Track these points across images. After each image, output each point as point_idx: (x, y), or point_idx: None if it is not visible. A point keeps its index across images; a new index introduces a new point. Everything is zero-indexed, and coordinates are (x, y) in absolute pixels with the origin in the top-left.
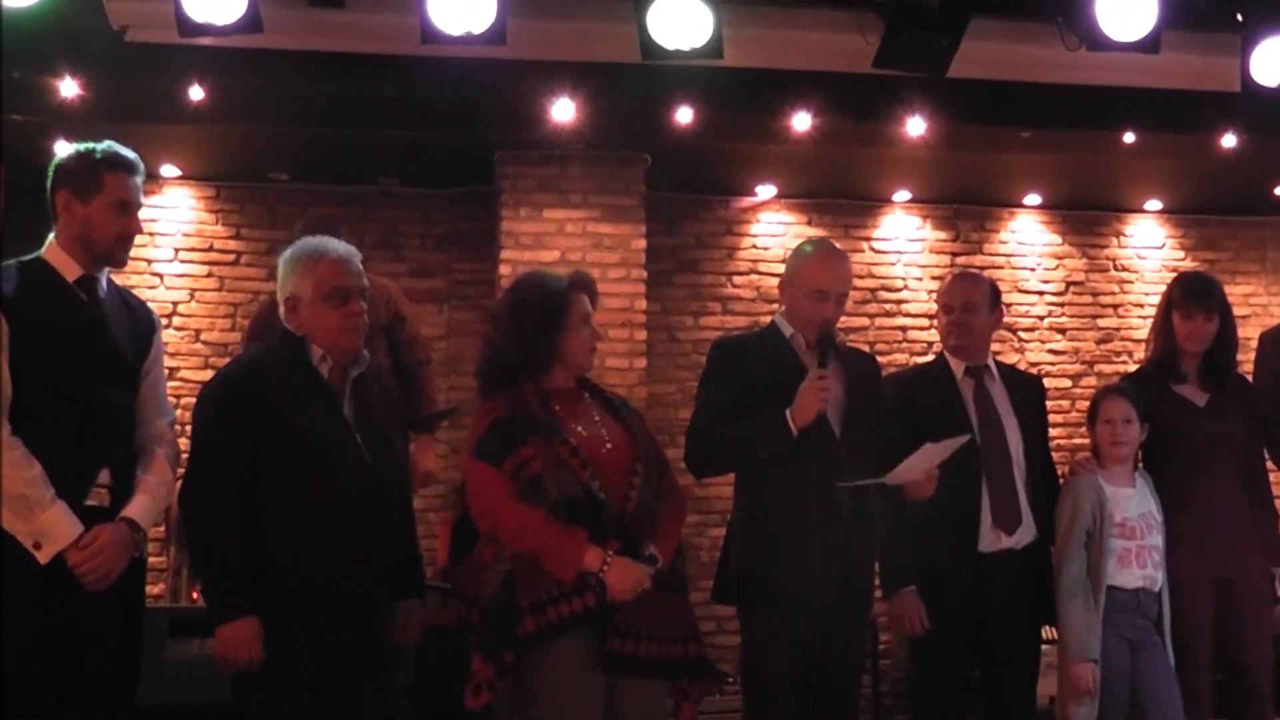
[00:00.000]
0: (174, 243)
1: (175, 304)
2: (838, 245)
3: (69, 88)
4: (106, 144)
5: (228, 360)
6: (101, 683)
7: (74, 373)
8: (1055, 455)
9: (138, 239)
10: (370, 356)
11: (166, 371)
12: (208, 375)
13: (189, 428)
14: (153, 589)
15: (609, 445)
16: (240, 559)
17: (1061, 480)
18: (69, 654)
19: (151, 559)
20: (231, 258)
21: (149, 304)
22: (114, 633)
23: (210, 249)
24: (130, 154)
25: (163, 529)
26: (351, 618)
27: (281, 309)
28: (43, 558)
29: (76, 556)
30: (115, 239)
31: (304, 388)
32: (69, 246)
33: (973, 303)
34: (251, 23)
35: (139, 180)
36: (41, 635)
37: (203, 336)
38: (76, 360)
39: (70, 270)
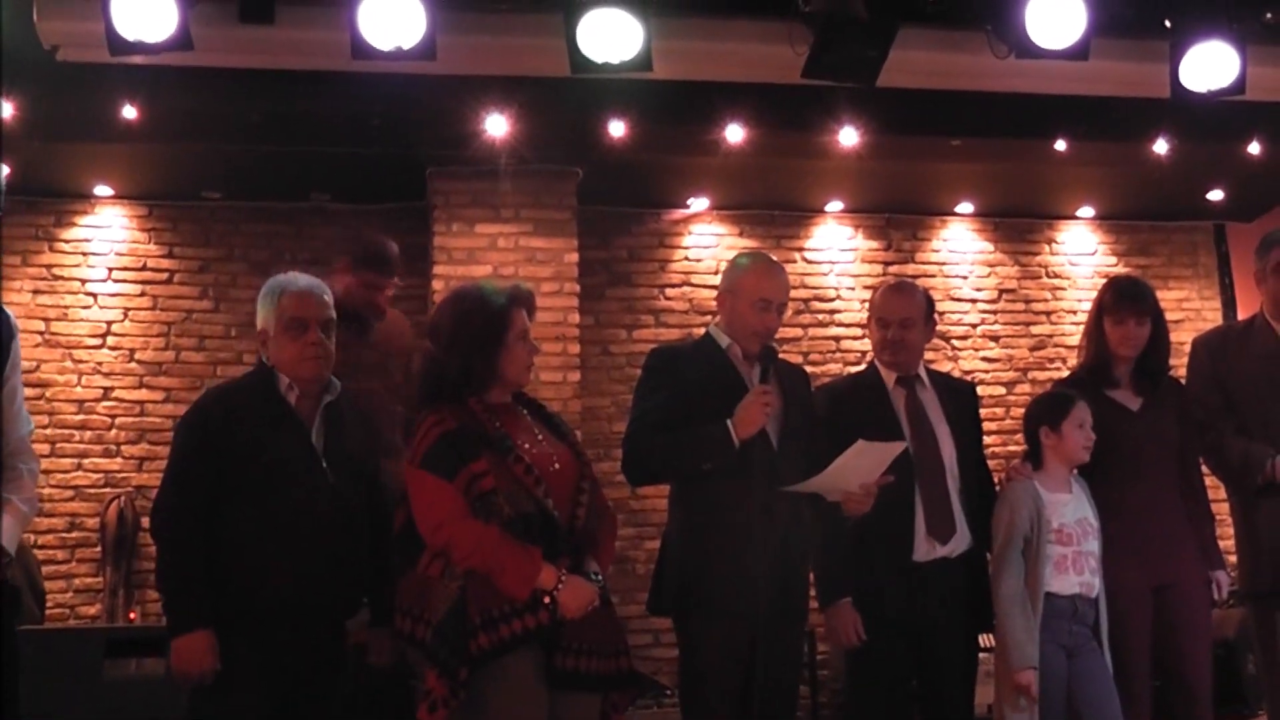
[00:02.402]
0: (107, 262)
1: (109, 323)
2: (772, 256)
3: (1, 108)
4: None
5: (160, 379)
6: None
7: None
8: (990, 463)
9: (71, 259)
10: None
11: (101, 391)
12: (142, 395)
13: (123, 447)
14: (89, 609)
15: (557, 464)
16: (199, 575)
17: (998, 487)
18: None
19: (88, 579)
20: (165, 276)
21: (8, 310)
22: None
23: (144, 268)
24: None
25: (99, 550)
26: (306, 638)
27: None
28: None
29: None
30: None
31: (271, 415)
32: None
33: (909, 319)
34: (182, 40)
35: None
36: None
37: (137, 356)
38: None
39: None
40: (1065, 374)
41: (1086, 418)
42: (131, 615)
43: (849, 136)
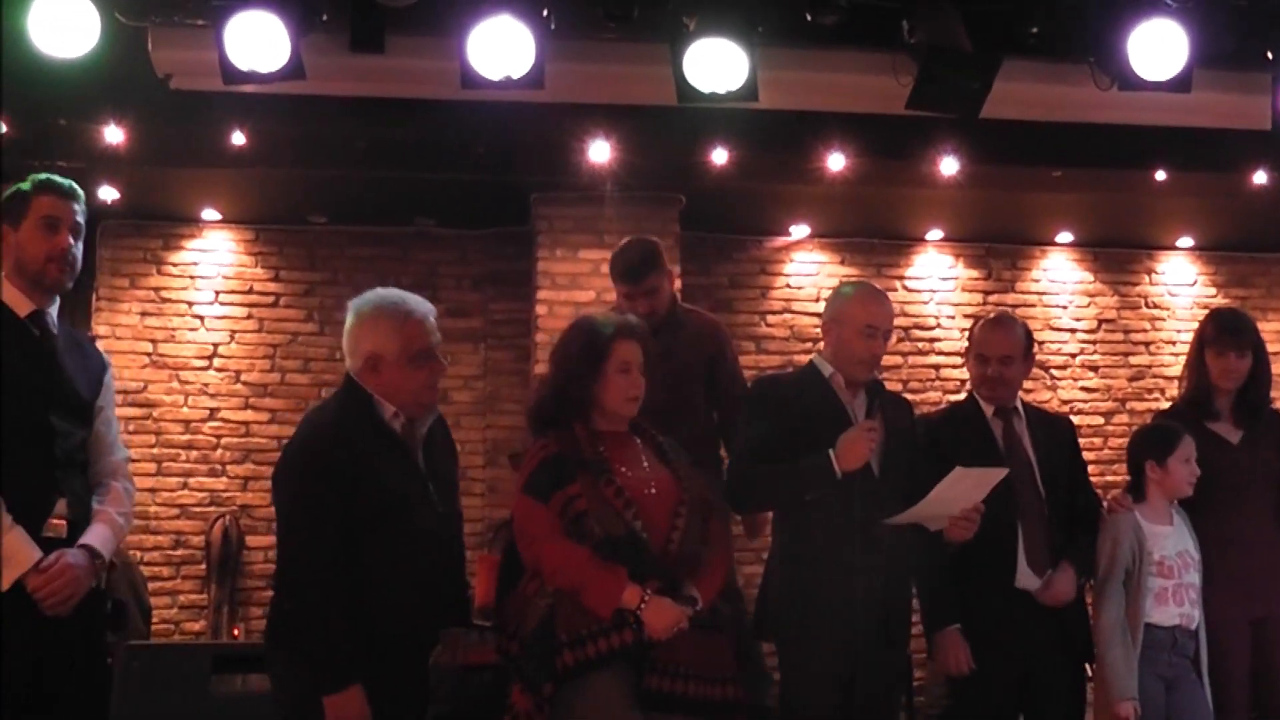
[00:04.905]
0: (214, 285)
1: (216, 345)
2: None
3: (114, 134)
4: (45, 175)
5: (266, 400)
6: (70, 711)
7: (29, 405)
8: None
9: (178, 282)
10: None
11: (207, 412)
12: (248, 415)
13: (229, 467)
14: (193, 625)
15: (653, 488)
16: (344, 627)
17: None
18: (34, 683)
19: (192, 595)
20: (271, 300)
21: (101, 348)
22: (78, 663)
23: (250, 291)
24: (64, 181)
25: (203, 566)
26: (412, 663)
27: (357, 363)
28: (3, 584)
29: (36, 580)
30: (45, 258)
31: (381, 447)
32: (14, 279)
33: (1009, 356)
34: (295, 70)
35: (74, 205)
36: (8, 662)
37: (243, 377)
38: (31, 392)
39: (21, 306)
40: (1164, 405)
41: (1192, 452)
42: (235, 632)
43: (950, 166)
